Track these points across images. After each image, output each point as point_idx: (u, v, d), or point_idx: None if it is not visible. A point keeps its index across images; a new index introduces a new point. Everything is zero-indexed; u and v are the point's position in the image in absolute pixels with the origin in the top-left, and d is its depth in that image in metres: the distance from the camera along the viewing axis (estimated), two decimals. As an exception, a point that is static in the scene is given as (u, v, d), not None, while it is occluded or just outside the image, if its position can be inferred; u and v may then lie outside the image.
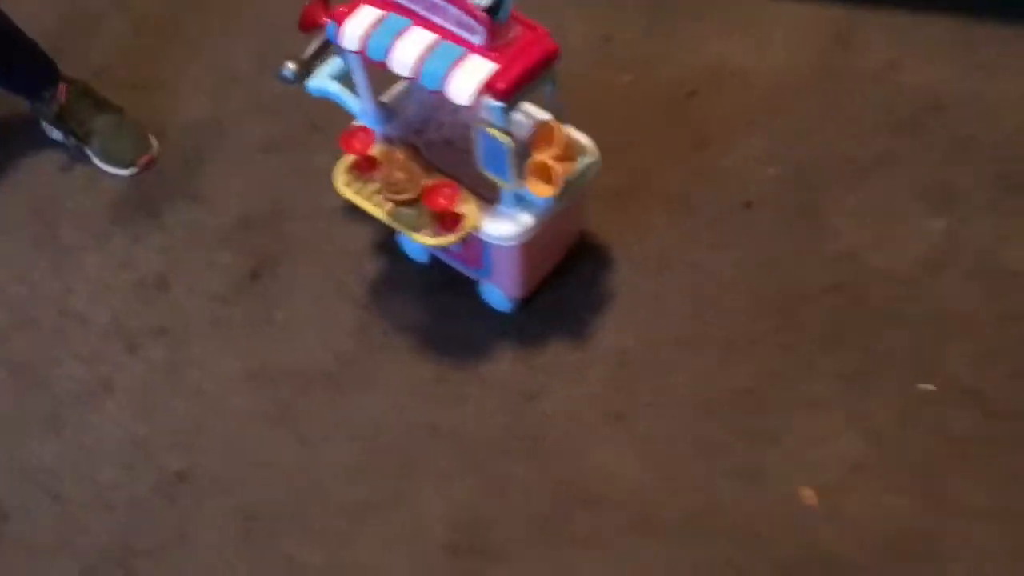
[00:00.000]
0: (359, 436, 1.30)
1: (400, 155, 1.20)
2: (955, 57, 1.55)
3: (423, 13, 1.10)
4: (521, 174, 1.13)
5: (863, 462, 1.21)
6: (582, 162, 1.17)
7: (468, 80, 1.05)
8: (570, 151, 1.14)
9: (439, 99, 1.31)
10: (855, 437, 1.23)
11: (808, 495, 1.20)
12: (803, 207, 1.44)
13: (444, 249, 1.35)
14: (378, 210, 1.21)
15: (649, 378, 1.32)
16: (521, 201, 1.19)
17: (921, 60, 1.56)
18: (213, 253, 1.51)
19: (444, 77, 1.06)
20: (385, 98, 1.29)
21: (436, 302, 1.42)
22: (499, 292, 1.36)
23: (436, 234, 1.19)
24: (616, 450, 1.26)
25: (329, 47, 1.72)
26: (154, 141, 1.63)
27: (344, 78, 1.32)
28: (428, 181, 1.16)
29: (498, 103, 1.06)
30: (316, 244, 1.50)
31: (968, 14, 1.58)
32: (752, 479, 1.22)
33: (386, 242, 1.48)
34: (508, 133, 1.09)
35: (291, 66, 1.69)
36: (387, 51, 1.10)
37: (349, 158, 1.25)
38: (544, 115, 1.15)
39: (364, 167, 1.25)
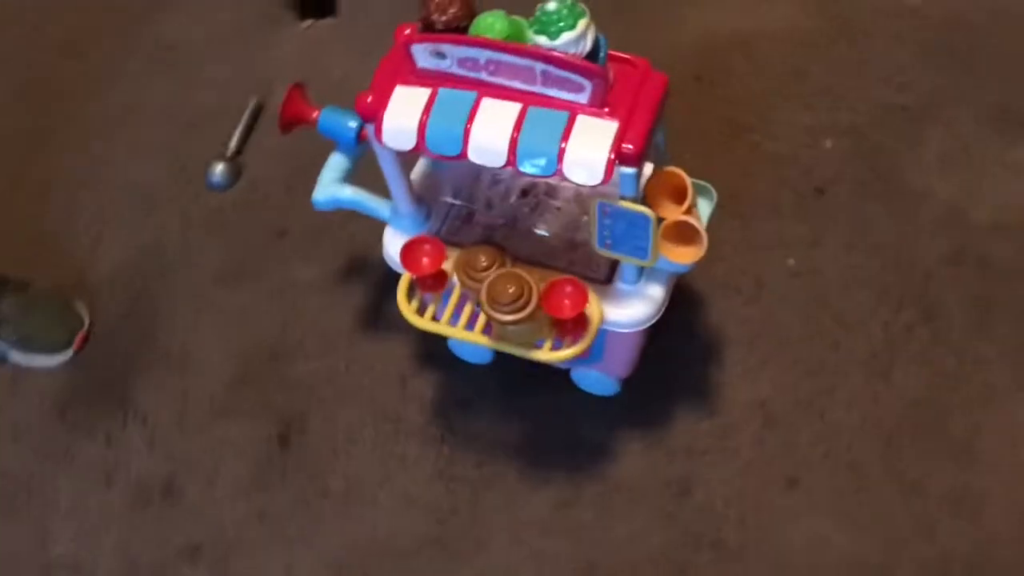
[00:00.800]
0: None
1: (484, 257, 0.94)
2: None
3: (490, 80, 0.84)
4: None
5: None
6: (709, 207, 0.96)
7: (593, 152, 0.81)
8: (693, 198, 0.92)
9: (471, 171, 1.06)
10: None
11: (1039, 504, 1.05)
12: (878, 176, 1.28)
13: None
14: (479, 336, 0.95)
15: (805, 425, 1.12)
16: (645, 273, 0.96)
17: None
18: (218, 430, 1.20)
19: (556, 156, 0.81)
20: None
21: (520, 407, 1.17)
22: (602, 376, 1.13)
23: (560, 343, 0.94)
24: (810, 523, 1.07)
25: (251, 132, 1.44)
26: (82, 309, 1.28)
27: (348, 175, 1.05)
28: (539, 282, 0.91)
29: (630, 169, 0.83)
30: (344, 380, 1.22)
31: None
32: (975, 505, 1.06)
33: (430, 352, 1.22)
34: (643, 201, 0.85)
35: (220, 167, 1.39)
36: (461, 140, 0.84)
37: (405, 279, 0.98)
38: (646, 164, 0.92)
39: (429, 285, 0.98)
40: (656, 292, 0.95)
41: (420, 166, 1.03)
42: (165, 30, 1.53)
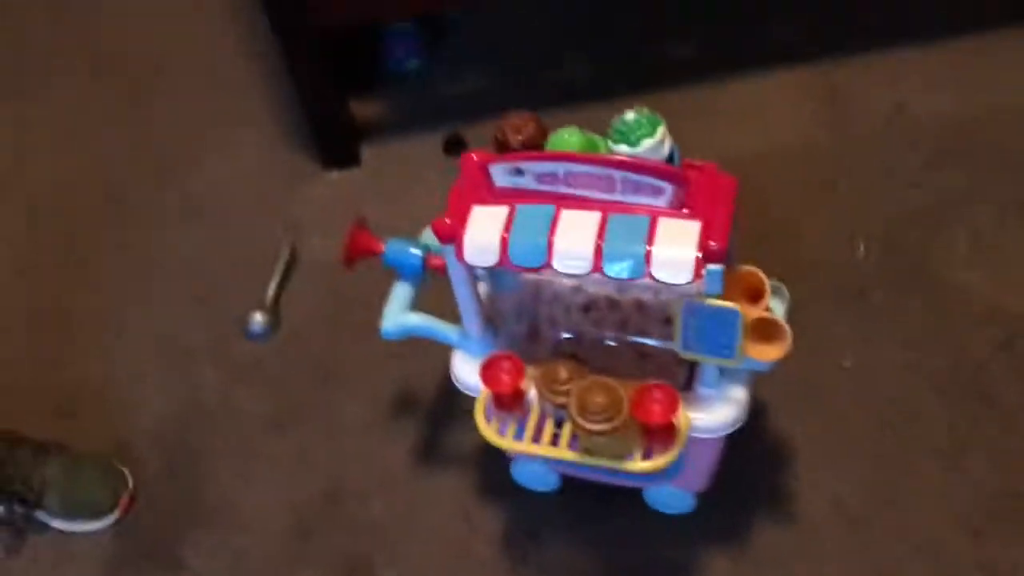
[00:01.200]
0: None
1: (564, 371, 0.94)
2: (954, 80, 1.52)
3: (568, 192, 0.87)
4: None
5: None
6: (782, 307, 0.97)
7: (679, 251, 0.83)
8: (768, 297, 0.94)
9: (531, 292, 1.08)
10: None
11: None
12: (913, 275, 1.31)
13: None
14: (565, 452, 0.94)
15: (888, 521, 1.11)
16: (726, 375, 0.97)
17: (923, 93, 1.51)
18: (282, 583, 1.15)
19: (643, 257, 0.83)
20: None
21: (593, 533, 1.14)
22: (678, 492, 1.11)
23: (650, 453, 0.93)
24: (914, 625, 1.04)
25: (286, 280, 1.45)
26: (125, 470, 1.25)
27: (413, 305, 1.06)
28: (629, 390, 0.91)
29: (716, 266, 0.84)
30: (407, 518, 1.18)
31: (949, 37, 1.56)
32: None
33: (492, 484, 1.19)
34: (725, 299, 0.87)
35: (259, 318, 1.39)
36: (545, 250, 0.85)
37: (483, 398, 0.97)
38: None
39: (507, 403, 0.97)
40: (739, 394, 0.95)
41: (483, 294, 1.04)
42: (193, 184, 1.57)
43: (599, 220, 0.85)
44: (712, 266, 0.83)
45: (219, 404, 1.31)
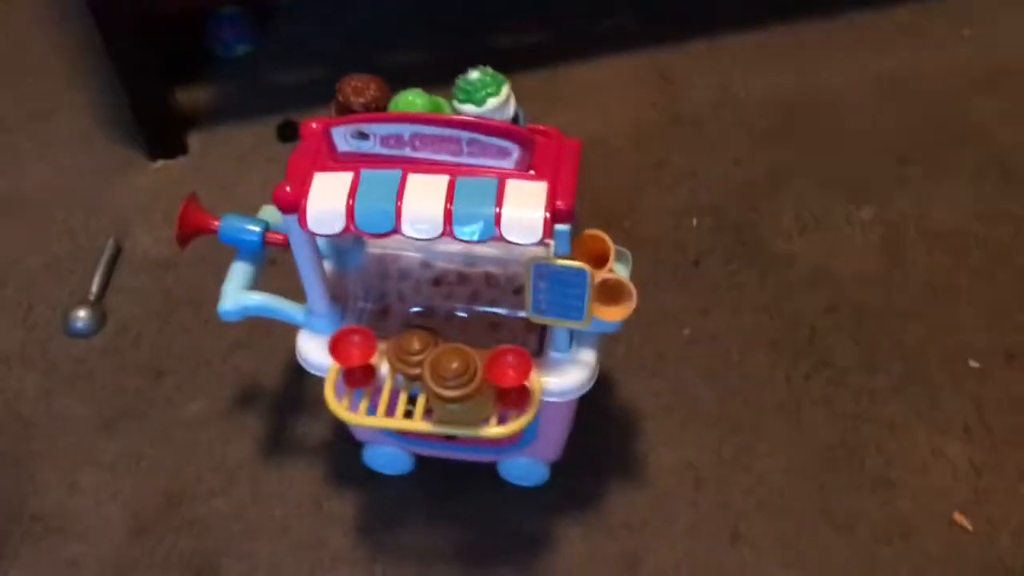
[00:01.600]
0: None
1: (417, 341, 0.93)
2: (776, 65, 1.61)
3: (414, 156, 0.85)
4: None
5: (980, 461, 1.16)
6: (625, 271, 0.99)
7: (529, 212, 0.83)
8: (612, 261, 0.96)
9: (379, 270, 1.06)
10: (954, 442, 1.17)
11: (960, 519, 1.12)
12: (745, 245, 1.38)
13: (450, 440, 1.08)
14: (420, 423, 0.92)
15: (734, 480, 1.15)
16: (576, 339, 0.98)
17: (747, 78, 1.59)
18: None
19: (493, 219, 0.83)
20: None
21: (450, 513, 1.13)
22: (531, 464, 1.12)
23: (505, 418, 0.93)
24: (759, 574, 1.08)
25: (111, 275, 1.37)
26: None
27: (253, 283, 1.02)
28: (483, 357, 0.91)
29: (564, 226, 0.85)
30: (254, 514, 1.13)
31: (770, 25, 1.65)
32: (904, 530, 1.11)
33: (343, 471, 1.16)
34: (572, 258, 0.88)
35: (82, 314, 1.31)
36: (393, 215, 0.84)
37: (332, 377, 0.94)
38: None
39: (358, 379, 0.95)
40: (588, 357, 0.97)
41: (328, 271, 1.01)
42: (7, 179, 1.46)
43: (447, 183, 0.84)
44: (560, 226, 0.84)
45: (40, 409, 1.22)
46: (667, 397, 1.21)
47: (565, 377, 0.96)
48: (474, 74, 0.85)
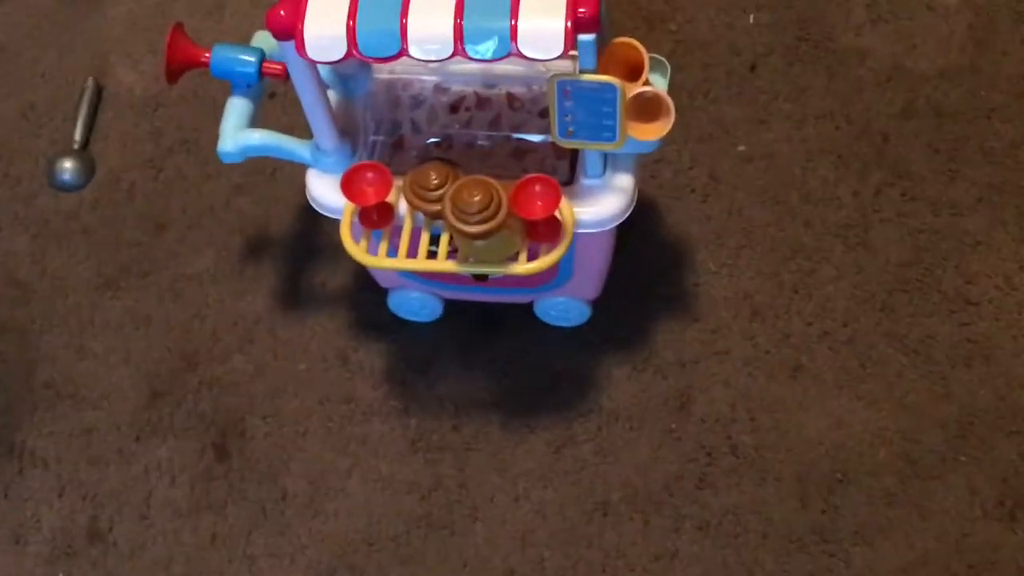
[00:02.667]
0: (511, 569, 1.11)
1: (434, 174, 1.00)
2: None
3: (417, -33, 0.90)
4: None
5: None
6: (663, 82, 1.04)
7: (548, 22, 0.88)
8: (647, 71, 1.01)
9: (389, 98, 1.12)
10: None
11: None
12: (810, 42, 1.39)
13: (481, 281, 1.17)
14: (444, 263, 1.01)
15: (794, 309, 1.22)
16: (610, 164, 1.05)
17: None
18: (140, 459, 1.21)
19: (508, 33, 0.88)
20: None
21: (485, 358, 1.22)
22: (569, 302, 1.21)
23: (535, 253, 1.01)
24: (824, 407, 1.16)
25: (95, 118, 1.45)
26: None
27: (253, 120, 1.09)
28: (508, 189, 0.98)
29: (588, 35, 0.91)
30: (276, 370, 1.25)
31: None
32: (984, 353, 1.19)
33: (368, 320, 1.26)
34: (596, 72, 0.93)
35: (68, 165, 1.40)
36: (399, 35, 0.90)
37: (347, 218, 1.03)
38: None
39: (374, 219, 1.03)
40: (625, 182, 1.04)
41: (333, 101, 1.08)
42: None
43: (455, -4, 0.89)
44: (584, 36, 0.89)
45: (36, 272, 1.33)
46: (720, 222, 1.28)
47: (599, 205, 1.03)
48: None
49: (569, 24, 0.88)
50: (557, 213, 0.99)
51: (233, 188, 1.36)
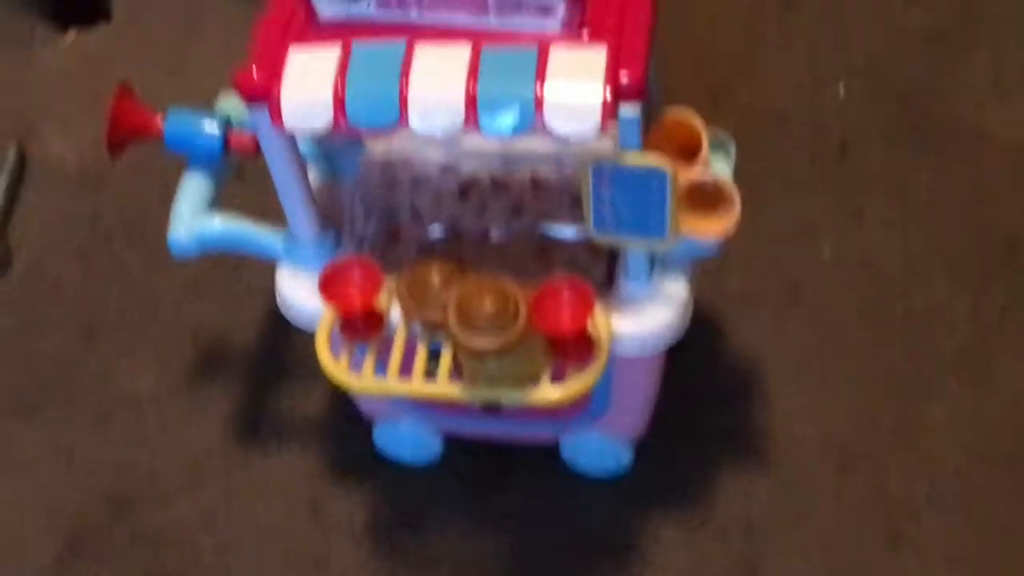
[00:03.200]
0: None
1: (436, 274, 1.03)
2: None
3: (423, 20, 0.95)
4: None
5: None
6: (727, 166, 1.09)
7: (580, 89, 0.92)
8: (707, 153, 1.05)
9: (384, 176, 1.17)
10: None
11: None
12: (916, 121, 1.44)
13: (491, 412, 1.20)
14: (445, 386, 1.04)
15: (894, 459, 1.23)
16: (659, 264, 1.08)
17: None
18: None
19: (532, 103, 0.93)
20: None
21: (496, 511, 1.24)
22: (605, 442, 1.23)
23: (561, 375, 1.04)
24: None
25: (16, 194, 1.50)
26: None
27: (214, 203, 1.14)
28: (528, 294, 1.01)
29: (631, 108, 0.95)
30: (229, 521, 1.27)
31: None
32: None
33: (347, 459, 1.29)
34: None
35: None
36: (397, 102, 0.94)
37: (325, 327, 1.06)
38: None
39: (359, 329, 1.07)
40: (677, 290, 1.07)
41: (314, 182, 1.12)
42: None
43: (469, 56, 0.94)
44: (627, 107, 0.93)
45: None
46: (801, 344, 1.31)
47: (644, 319, 1.06)
48: (499, -99, 0.94)
49: (608, 93, 0.92)
50: (590, 327, 1.02)
51: (185, 287, 1.40)
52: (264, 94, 0.96)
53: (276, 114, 0.96)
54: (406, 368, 1.05)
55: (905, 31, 1.51)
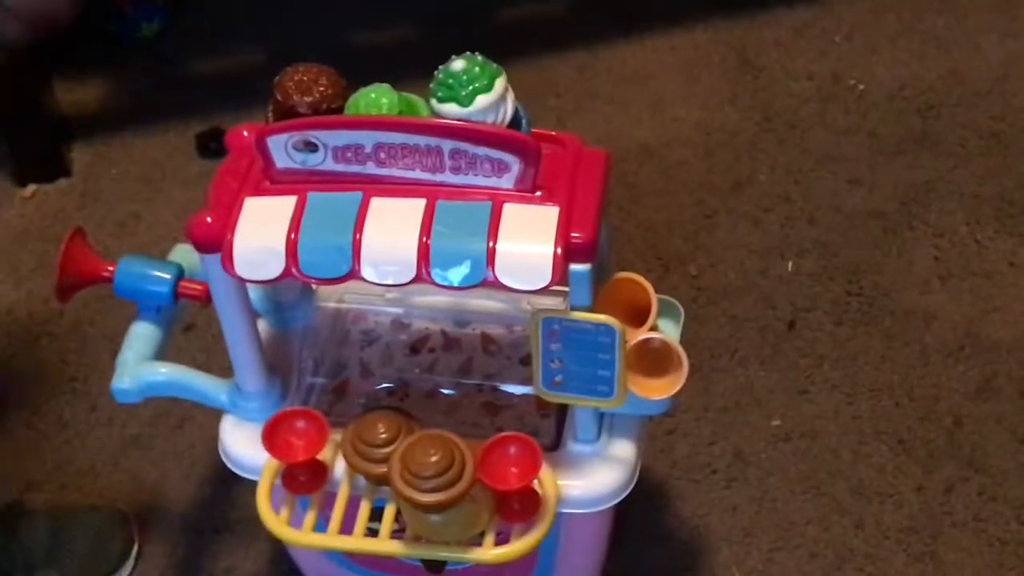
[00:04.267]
0: None
1: (383, 427, 1.03)
2: (920, 38, 1.73)
3: (380, 173, 0.96)
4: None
5: None
6: (675, 330, 1.09)
7: (533, 247, 0.93)
8: (655, 316, 1.06)
9: (335, 332, 1.17)
10: None
11: None
12: (862, 299, 1.46)
13: (434, 572, 1.18)
14: (386, 543, 1.02)
15: None
16: (606, 426, 1.08)
17: (877, 57, 1.71)
18: None
19: (484, 257, 0.93)
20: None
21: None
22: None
23: (506, 536, 1.02)
24: None
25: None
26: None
27: (160, 351, 1.13)
28: (475, 450, 1.01)
29: (582, 266, 0.96)
30: None
31: None
32: None
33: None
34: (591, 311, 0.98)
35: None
36: (350, 252, 0.94)
37: (267, 479, 1.05)
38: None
39: (302, 482, 1.05)
40: (625, 451, 1.07)
41: (264, 333, 1.12)
42: None
43: (423, 209, 0.95)
44: (577, 265, 0.94)
45: None
46: (748, 515, 1.30)
47: (591, 478, 1.05)
48: (458, 63, 0.96)
49: (559, 250, 0.93)
50: (536, 484, 1.01)
51: (126, 440, 1.38)
52: (217, 241, 0.96)
53: (228, 261, 0.96)
54: (347, 524, 1.03)
55: (852, 212, 1.54)
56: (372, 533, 1.03)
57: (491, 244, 0.94)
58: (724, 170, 1.59)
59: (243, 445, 1.09)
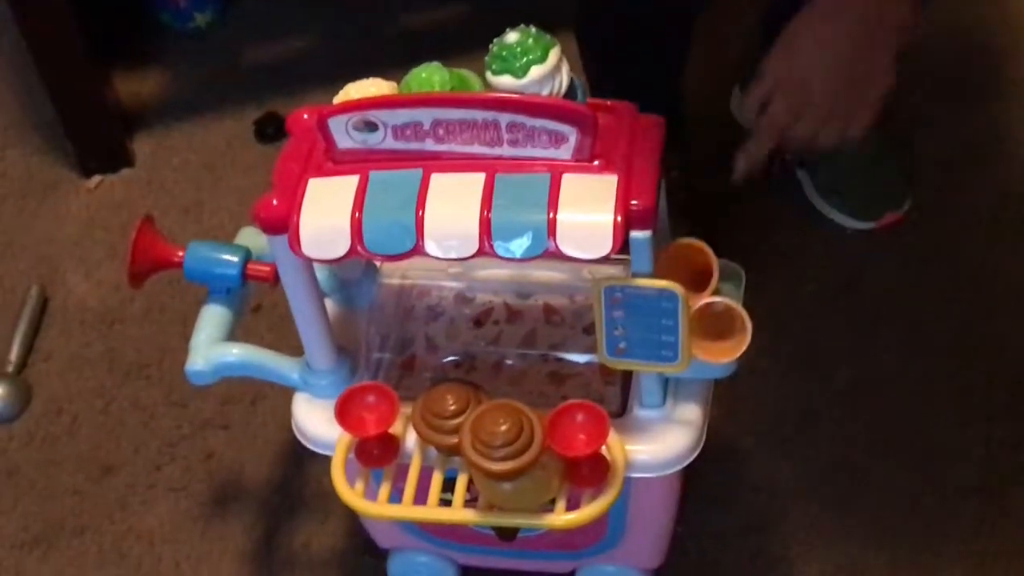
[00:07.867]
0: None
1: (452, 399, 1.04)
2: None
3: (439, 149, 0.98)
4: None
5: None
6: (736, 294, 1.10)
7: (593, 215, 0.94)
8: (717, 280, 1.06)
9: (400, 307, 1.19)
10: None
11: None
12: (929, 243, 1.47)
13: (506, 539, 1.19)
14: (460, 512, 1.04)
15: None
16: (671, 391, 1.09)
17: None
18: None
19: (545, 228, 0.95)
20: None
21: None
22: (623, 572, 1.22)
23: (576, 502, 1.04)
24: None
25: (37, 336, 1.52)
26: None
27: (231, 332, 1.15)
28: (543, 418, 1.02)
29: (642, 233, 0.97)
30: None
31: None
32: None
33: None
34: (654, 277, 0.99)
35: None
36: (414, 229, 0.96)
37: (341, 454, 1.07)
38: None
39: (375, 455, 1.07)
40: (691, 415, 1.08)
41: (331, 311, 1.14)
42: None
43: (483, 183, 0.96)
44: (638, 232, 0.95)
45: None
46: (816, 473, 1.31)
47: (659, 443, 1.06)
48: (512, 36, 0.97)
49: (619, 218, 0.94)
50: (604, 450, 1.02)
51: (201, 422, 1.41)
52: (284, 222, 0.98)
53: (295, 242, 0.98)
54: (421, 495, 1.05)
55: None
56: (445, 503, 1.05)
57: (551, 215, 0.95)
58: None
59: (316, 421, 1.10)
